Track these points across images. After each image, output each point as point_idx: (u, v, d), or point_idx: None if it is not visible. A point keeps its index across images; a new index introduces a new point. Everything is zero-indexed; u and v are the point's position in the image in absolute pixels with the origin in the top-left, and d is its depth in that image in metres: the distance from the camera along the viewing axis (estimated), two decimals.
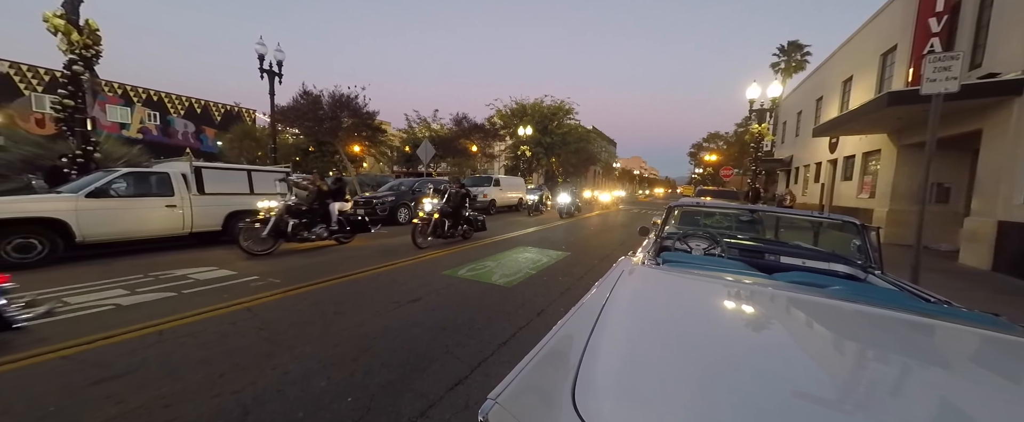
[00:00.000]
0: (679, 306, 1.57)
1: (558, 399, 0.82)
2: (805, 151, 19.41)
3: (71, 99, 7.13)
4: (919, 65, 9.41)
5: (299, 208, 6.83)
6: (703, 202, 5.32)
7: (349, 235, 7.71)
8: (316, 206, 7.20)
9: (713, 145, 50.05)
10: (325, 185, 7.50)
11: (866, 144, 12.67)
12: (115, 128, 24.05)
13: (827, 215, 3.15)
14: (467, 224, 8.66)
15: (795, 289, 1.72)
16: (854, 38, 14.52)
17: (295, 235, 6.62)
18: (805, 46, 30.27)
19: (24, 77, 22.12)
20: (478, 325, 3.56)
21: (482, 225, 9.06)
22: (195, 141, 29.14)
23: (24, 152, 9.36)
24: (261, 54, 11.23)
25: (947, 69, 4.33)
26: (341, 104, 16.81)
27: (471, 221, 8.78)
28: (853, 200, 13.57)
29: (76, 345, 2.89)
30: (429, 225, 7.57)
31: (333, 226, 7.31)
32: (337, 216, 7.37)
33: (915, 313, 1.48)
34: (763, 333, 1.38)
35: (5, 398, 2.24)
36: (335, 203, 7.46)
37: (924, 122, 4.89)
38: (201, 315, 3.61)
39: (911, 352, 1.26)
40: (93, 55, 7.22)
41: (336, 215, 7.37)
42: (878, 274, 2.58)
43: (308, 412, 2.17)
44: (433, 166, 22.87)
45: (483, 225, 9.10)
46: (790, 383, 0.95)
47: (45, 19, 6.81)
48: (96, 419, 2.06)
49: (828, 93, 16.63)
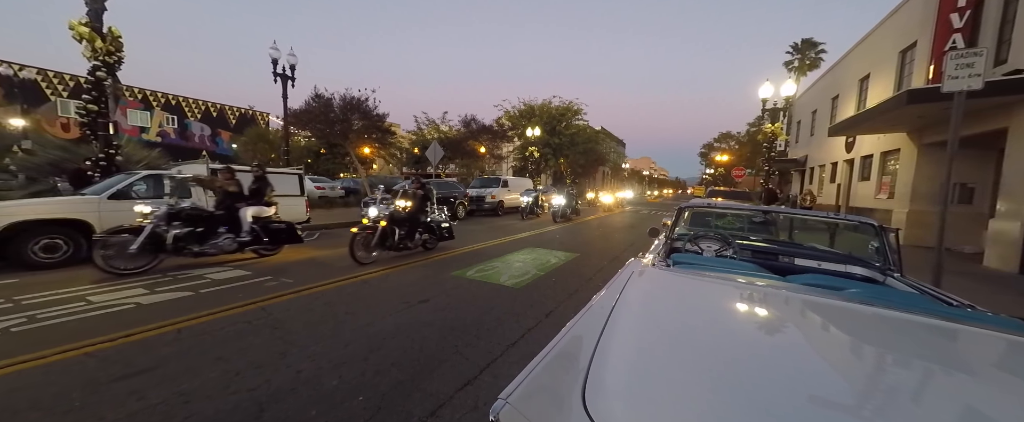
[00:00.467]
0: (690, 308, 1.56)
1: (569, 400, 0.82)
2: (820, 151, 18.99)
3: (94, 104, 7.38)
4: (940, 62, 9.13)
5: (195, 213, 5.52)
6: (714, 203, 5.25)
7: (271, 247, 6.33)
8: (221, 212, 5.85)
9: (724, 145, 49.33)
10: (233, 184, 6.05)
11: (884, 143, 12.34)
12: (135, 132, 24.80)
13: (844, 216, 3.08)
14: (427, 233, 7.27)
15: (810, 292, 1.69)
16: (871, 35, 14.18)
17: (182, 248, 5.30)
18: (820, 44, 29.66)
19: (50, 83, 22.97)
20: (487, 326, 3.57)
21: (448, 234, 7.69)
22: (211, 144, 29.89)
23: (51, 156, 9.73)
24: (275, 58, 11.47)
25: (970, 66, 4.20)
26: (352, 107, 17.03)
27: (433, 228, 7.36)
28: (871, 201, 13.23)
29: (99, 342, 2.99)
30: (375, 235, 6.23)
31: (243, 236, 5.86)
32: (249, 224, 5.93)
33: (936, 317, 1.44)
34: (777, 336, 1.36)
35: (34, 393, 2.32)
36: (249, 207, 6.03)
37: (946, 121, 4.75)
38: (217, 314, 3.69)
39: (932, 357, 1.23)
40: (115, 61, 7.46)
41: (248, 222, 5.92)
42: (897, 277, 2.52)
43: (321, 410, 2.21)
44: (442, 167, 23.03)
45: (449, 233, 7.73)
46: (806, 387, 0.93)
47: (71, 27, 7.06)
48: (119, 414, 2.13)
49: (844, 91, 16.25)
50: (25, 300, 3.92)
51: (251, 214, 6.01)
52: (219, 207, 5.92)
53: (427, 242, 7.32)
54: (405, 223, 6.77)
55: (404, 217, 6.78)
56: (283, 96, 12.11)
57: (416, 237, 7.00)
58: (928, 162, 10.24)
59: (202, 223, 5.58)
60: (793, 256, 2.98)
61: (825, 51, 29.46)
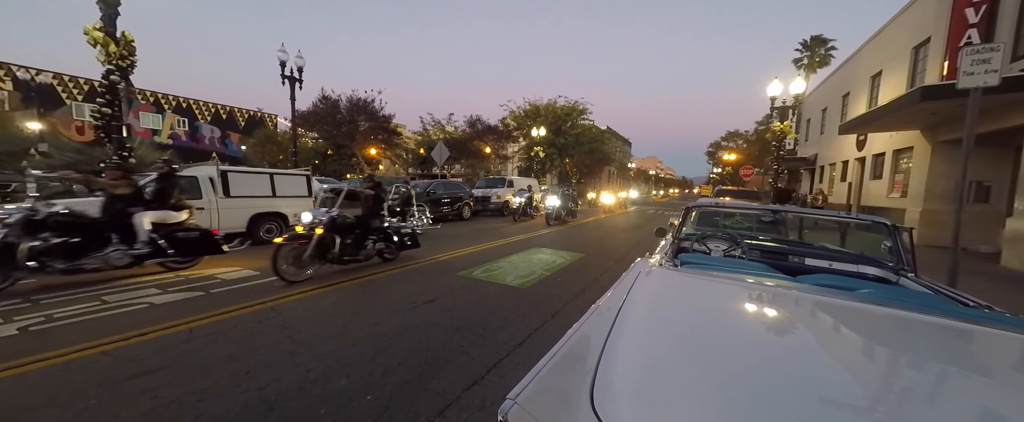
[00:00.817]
0: (698, 308, 1.54)
1: (577, 400, 0.82)
2: (830, 149, 18.71)
3: (108, 107, 7.52)
4: (955, 58, 8.95)
5: (67, 220, 4.43)
6: (722, 202, 5.19)
7: (180, 260, 5.24)
8: (106, 218, 4.77)
9: (732, 144, 48.84)
10: (124, 185, 4.87)
11: (897, 141, 12.13)
12: (148, 134, 25.25)
13: (855, 215, 3.03)
14: (384, 241, 6.11)
15: (821, 292, 1.66)
16: (883, 31, 13.93)
17: (46, 265, 4.17)
18: (830, 41, 29.21)
19: (66, 87, 23.49)
20: (493, 326, 3.58)
21: (411, 241, 6.64)
22: (221, 146, 30.32)
23: (66, 158, 9.97)
24: (282, 61, 11.60)
25: (986, 61, 4.11)
26: (358, 108, 17.20)
27: (391, 236, 6.22)
28: (883, 200, 13.00)
29: (114, 341, 3.05)
30: (310, 246, 4.96)
31: (139, 247, 4.77)
32: (146, 232, 4.86)
33: (952, 318, 1.41)
34: (787, 337, 1.34)
35: (53, 390, 2.38)
36: (146, 213, 4.95)
37: (961, 118, 4.65)
38: (227, 314, 3.75)
39: (948, 359, 1.20)
40: (128, 65, 7.60)
41: (146, 230, 4.86)
42: (911, 277, 2.47)
43: (329, 409, 2.23)
44: (447, 168, 23.11)
45: (414, 241, 6.69)
46: (817, 388, 0.92)
47: (86, 32, 7.22)
48: (133, 412, 2.17)
49: (855, 89, 15.99)
50: (43, 300, 4.01)
51: (148, 220, 4.93)
52: (105, 212, 4.84)
53: (384, 252, 6.19)
54: (351, 230, 5.62)
55: (350, 223, 5.61)
56: (291, 98, 12.24)
57: (367, 247, 5.82)
58: (942, 160, 10.04)
59: (80, 232, 4.47)
60: (803, 256, 2.94)
61: (835, 48, 29.00)
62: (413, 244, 6.68)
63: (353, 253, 5.63)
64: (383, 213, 6.29)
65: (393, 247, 6.29)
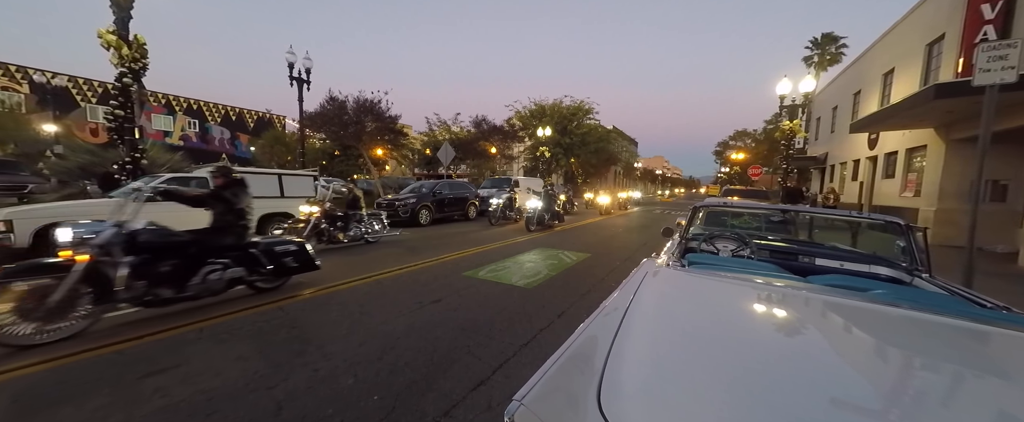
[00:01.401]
0: (706, 309, 1.53)
1: (584, 402, 0.81)
2: (841, 148, 18.42)
3: (121, 109, 7.67)
4: (970, 54, 8.77)
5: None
6: (730, 202, 5.14)
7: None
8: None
9: (740, 143, 48.32)
10: None
11: (910, 139, 11.91)
12: (159, 136, 25.70)
13: (867, 215, 2.98)
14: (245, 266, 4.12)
15: (832, 292, 1.64)
16: (896, 28, 13.70)
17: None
18: (840, 38, 28.74)
19: (80, 90, 23.99)
20: (499, 326, 3.58)
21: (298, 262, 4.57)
22: (230, 147, 30.76)
23: (80, 160, 10.17)
24: (291, 62, 11.73)
25: (1003, 58, 4.02)
26: (365, 109, 17.29)
27: (258, 259, 4.23)
28: (896, 199, 12.77)
29: (126, 340, 3.10)
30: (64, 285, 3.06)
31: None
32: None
33: (969, 319, 1.38)
34: (798, 338, 1.32)
35: (68, 388, 2.43)
36: None
37: (976, 115, 4.55)
38: (236, 314, 3.79)
39: (964, 360, 1.18)
40: (141, 68, 7.74)
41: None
42: (925, 277, 2.43)
43: (337, 409, 2.24)
44: (453, 168, 23.18)
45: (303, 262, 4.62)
46: (828, 391, 0.91)
47: (99, 35, 7.36)
48: (145, 410, 2.21)
49: (867, 87, 15.74)
50: None
51: None
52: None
53: (254, 280, 4.25)
54: (174, 252, 3.68)
55: (172, 241, 3.70)
56: (299, 99, 12.37)
57: (210, 276, 3.83)
58: (957, 158, 9.84)
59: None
60: (814, 256, 2.90)
61: (846, 46, 28.53)
62: (304, 266, 4.61)
63: (174, 286, 3.62)
64: (244, 224, 4.20)
65: (268, 272, 4.26)
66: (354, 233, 7.75)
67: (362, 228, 7.95)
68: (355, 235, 7.76)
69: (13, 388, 2.43)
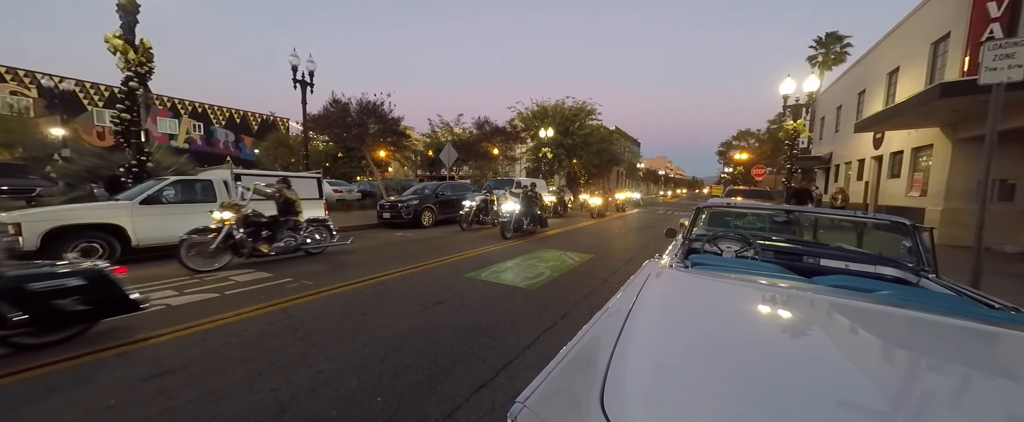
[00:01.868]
0: (710, 310, 1.52)
1: (587, 403, 0.81)
2: (846, 147, 18.31)
3: (128, 113, 7.75)
4: (976, 53, 8.69)
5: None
6: (734, 202, 5.11)
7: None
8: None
9: (744, 143, 48.16)
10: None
11: (916, 139, 11.82)
12: (165, 139, 25.93)
13: (873, 215, 2.95)
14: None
15: (838, 293, 1.62)
16: (900, 27, 13.62)
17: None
18: (845, 37, 28.65)
19: (87, 94, 24.24)
20: (502, 328, 3.58)
21: (85, 307, 3.01)
22: (235, 149, 30.95)
23: (87, 163, 10.26)
24: (294, 65, 11.81)
25: (1010, 56, 3.98)
26: (368, 111, 17.35)
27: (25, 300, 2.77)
28: (902, 199, 12.67)
29: (132, 343, 3.13)
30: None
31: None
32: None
33: (976, 320, 1.36)
34: (803, 339, 1.31)
35: (74, 390, 2.45)
36: None
37: (983, 114, 4.51)
38: (241, 315, 3.81)
39: (972, 362, 1.16)
40: (147, 72, 7.82)
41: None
42: (932, 278, 2.40)
43: (340, 411, 2.25)
44: (456, 169, 23.21)
45: (101, 303, 3.12)
46: (834, 393, 0.90)
47: (106, 40, 7.44)
48: (150, 412, 2.22)
49: (871, 86, 15.64)
50: None
51: None
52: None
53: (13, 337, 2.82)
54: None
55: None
56: (302, 102, 12.45)
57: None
58: (964, 158, 9.75)
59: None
60: (819, 257, 2.88)
61: (851, 45, 28.43)
62: (104, 308, 3.16)
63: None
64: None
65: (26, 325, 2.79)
66: (285, 243, 6.38)
67: (297, 238, 6.58)
68: (287, 246, 6.39)
69: None
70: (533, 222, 10.51)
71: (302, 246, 6.72)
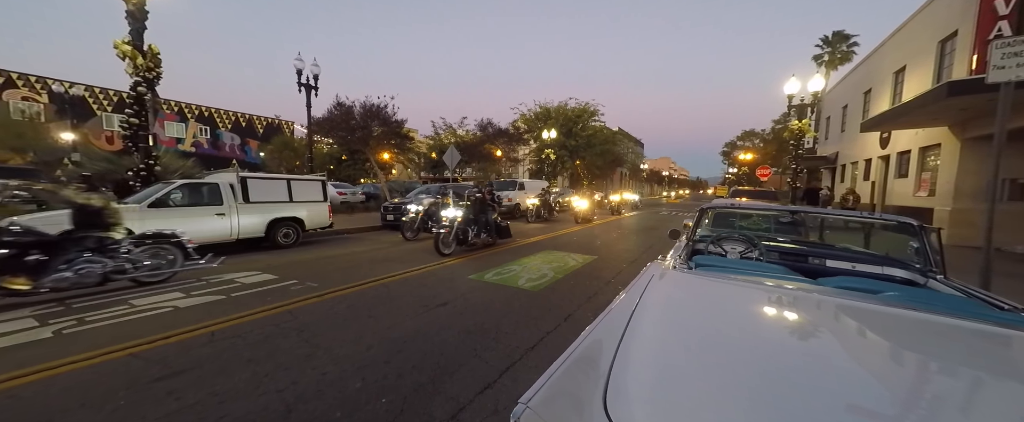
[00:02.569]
0: (714, 312, 1.51)
1: (589, 405, 0.81)
2: (852, 147, 18.14)
3: (136, 117, 7.86)
4: (984, 51, 8.59)
5: None
6: (739, 203, 5.08)
7: None
8: None
9: (748, 143, 47.83)
10: None
11: (923, 138, 11.69)
12: (172, 142, 26.23)
13: (880, 215, 2.92)
14: None
15: (844, 295, 1.61)
16: (907, 26, 13.50)
17: None
18: (851, 36, 28.38)
19: (97, 99, 24.60)
20: (505, 330, 3.58)
21: None
22: (240, 153, 31.25)
23: (97, 167, 10.41)
24: (299, 69, 11.91)
25: (1019, 54, 3.93)
26: (372, 114, 17.44)
27: None
28: (909, 199, 12.52)
29: (141, 344, 3.16)
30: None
31: None
32: None
33: (986, 322, 1.35)
34: (809, 341, 1.30)
35: (84, 391, 2.48)
36: None
37: (991, 113, 4.45)
38: (247, 317, 3.84)
39: (982, 364, 1.15)
40: (154, 77, 7.93)
41: None
42: (940, 279, 2.37)
43: (345, 412, 2.26)
44: (459, 171, 23.26)
45: None
46: (841, 396, 0.89)
47: (115, 46, 7.57)
48: (158, 412, 2.25)
49: (878, 85, 15.50)
50: (76, 304, 4.19)
51: None
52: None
53: None
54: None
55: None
56: (307, 105, 12.55)
57: None
58: (972, 157, 9.62)
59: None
60: (825, 258, 2.85)
61: (857, 44, 28.16)
62: None
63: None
64: None
65: None
66: (77, 273, 4.25)
67: (107, 263, 4.49)
68: (80, 277, 4.26)
69: None
70: (489, 232, 8.33)
71: (119, 273, 4.57)
